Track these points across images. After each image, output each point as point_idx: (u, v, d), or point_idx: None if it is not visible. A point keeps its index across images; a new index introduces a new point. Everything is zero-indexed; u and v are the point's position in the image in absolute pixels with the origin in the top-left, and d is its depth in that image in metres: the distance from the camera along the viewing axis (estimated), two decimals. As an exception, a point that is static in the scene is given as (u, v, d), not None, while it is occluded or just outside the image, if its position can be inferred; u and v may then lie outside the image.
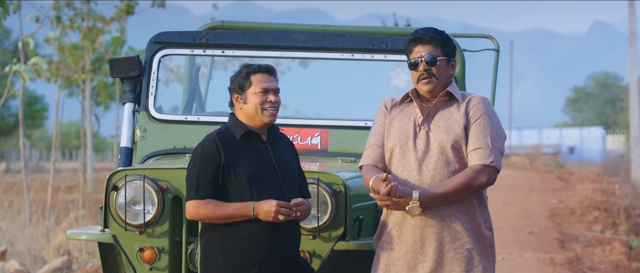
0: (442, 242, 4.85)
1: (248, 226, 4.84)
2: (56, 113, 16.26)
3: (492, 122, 4.92)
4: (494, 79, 7.31)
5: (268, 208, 4.81)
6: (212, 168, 4.84)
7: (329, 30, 6.65)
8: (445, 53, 4.93)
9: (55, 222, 14.55)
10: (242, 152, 4.90)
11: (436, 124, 4.91)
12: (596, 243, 15.32)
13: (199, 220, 4.94)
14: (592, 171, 38.16)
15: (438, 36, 4.94)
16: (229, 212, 4.83)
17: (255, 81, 4.95)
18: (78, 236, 5.81)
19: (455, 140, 4.87)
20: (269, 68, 4.99)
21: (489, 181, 4.87)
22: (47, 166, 41.53)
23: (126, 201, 5.41)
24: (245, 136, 4.94)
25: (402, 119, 4.97)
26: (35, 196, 19.24)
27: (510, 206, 21.83)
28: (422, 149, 4.89)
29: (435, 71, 4.90)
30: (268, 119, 4.95)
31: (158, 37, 6.32)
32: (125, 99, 6.30)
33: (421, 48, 4.92)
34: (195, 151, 4.92)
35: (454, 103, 4.96)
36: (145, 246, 5.48)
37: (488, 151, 4.85)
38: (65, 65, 16.90)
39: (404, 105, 5.02)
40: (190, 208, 4.87)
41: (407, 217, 4.88)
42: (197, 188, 4.84)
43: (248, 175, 4.86)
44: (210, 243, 4.89)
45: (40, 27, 14.43)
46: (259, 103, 4.91)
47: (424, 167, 4.86)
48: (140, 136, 6.23)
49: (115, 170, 5.56)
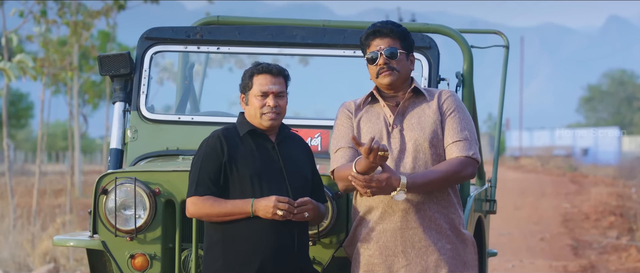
0: (425, 244, 4.91)
1: (250, 228, 4.89)
2: (41, 113, 16.28)
3: (465, 115, 5.03)
4: (503, 77, 7.32)
5: (266, 204, 4.86)
6: (214, 165, 4.92)
7: (330, 25, 6.65)
8: (404, 47, 5.02)
9: (41, 228, 14.56)
10: (246, 149, 4.97)
11: (409, 122, 4.99)
12: (611, 250, 15.34)
13: (198, 218, 5.03)
14: (607, 174, 38.18)
15: (397, 28, 5.03)
16: (227, 209, 4.89)
17: (256, 83, 5.01)
18: (65, 242, 5.81)
19: (432, 136, 4.95)
20: (275, 70, 5.03)
21: (472, 173, 4.97)
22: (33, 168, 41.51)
23: (116, 206, 5.42)
24: (250, 134, 5.01)
25: (370, 120, 5.04)
26: (20, 200, 19.27)
27: (521, 211, 21.85)
28: (397, 149, 4.96)
29: (395, 65, 4.98)
30: (267, 123, 5.00)
31: (150, 33, 6.33)
32: (115, 98, 6.31)
33: (380, 41, 5.01)
34: (199, 148, 5.02)
35: (422, 98, 5.05)
36: (137, 253, 5.48)
37: (468, 144, 4.96)
38: (51, 62, 16.91)
39: (368, 106, 5.09)
40: (189, 205, 4.96)
41: (384, 220, 4.92)
42: (198, 184, 4.93)
43: (250, 172, 4.92)
44: (212, 244, 4.96)
45: (24, 22, 14.44)
46: (258, 107, 4.99)
47: (400, 167, 4.92)
48: (131, 137, 6.24)
49: (105, 173, 5.57)
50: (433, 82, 5.99)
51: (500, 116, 7.33)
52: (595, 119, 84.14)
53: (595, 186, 29.56)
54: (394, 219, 4.92)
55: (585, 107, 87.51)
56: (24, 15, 14.59)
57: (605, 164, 50.60)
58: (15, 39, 13.58)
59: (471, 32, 7.96)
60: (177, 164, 5.81)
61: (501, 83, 7.37)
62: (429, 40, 6.05)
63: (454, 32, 6.69)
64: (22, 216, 15.45)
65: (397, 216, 4.91)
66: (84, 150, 49.76)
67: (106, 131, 23.33)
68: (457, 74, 6.48)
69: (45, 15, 15.39)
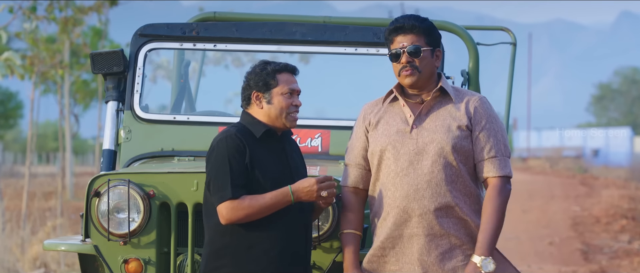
0: (442, 252, 4.88)
1: (264, 234, 4.85)
2: (31, 112, 16.27)
3: (498, 125, 4.97)
4: (510, 75, 7.33)
5: (308, 186, 4.82)
6: (241, 165, 4.83)
7: (331, 22, 6.66)
8: (429, 43, 4.95)
9: (31, 232, 14.56)
10: (262, 152, 4.92)
11: (432, 123, 4.93)
12: (623, 255, 15.34)
13: (236, 222, 4.86)
14: (619, 176, 38.19)
15: (421, 24, 4.95)
16: (267, 202, 4.82)
17: (282, 80, 4.98)
18: (56, 247, 5.82)
19: (455, 142, 4.89)
20: (294, 68, 5.04)
21: (510, 190, 4.95)
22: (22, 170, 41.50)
23: (109, 209, 5.42)
24: (265, 135, 4.96)
25: (387, 121, 5.00)
26: (9, 203, 19.28)
27: (529, 214, 21.86)
28: (416, 151, 4.90)
29: (418, 63, 4.92)
30: (291, 123, 4.99)
31: (144, 30, 6.34)
32: (108, 97, 6.32)
33: (403, 38, 4.94)
34: (216, 149, 4.88)
35: (448, 99, 4.99)
36: (130, 257, 5.49)
37: (504, 161, 4.92)
38: (40, 60, 16.91)
39: (388, 104, 5.04)
40: (226, 212, 4.82)
41: (402, 238, 4.90)
42: (232, 186, 4.81)
43: (271, 175, 4.89)
44: (217, 250, 4.87)
45: (14, 18, 14.45)
46: (286, 105, 4.95)
47: (419, 170, 4.88)
48: (124, 138, 6.25)
49: (97, 175, 5.57)
50: (438, 80, 5.99)
51: (508, 116, 7.33)
52: (606, 118, 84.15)
53: (606, 188, 29.57)
54: (409, 225, 4.89)
55: (595, 106, 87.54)
56: (14, 12, 14.59)
57: (616, 166, 50.62)
58: (5, 36, 13.59)
59: (477, 28, 7.97)
60: (173, 165, 5.82)
61: (508, 82, 7.38)
62: (433, 37, 6.04)
63: (460, 28, 6.70)
64: (11, 220, 15.45)
65: (413, 223, 4.88)
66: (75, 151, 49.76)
67: (98, 132, 23.33)
68: (462, 72, 6.49)
69: (35, 12, 15.39)
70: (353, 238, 5.01)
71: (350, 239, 5.01)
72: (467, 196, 4.92)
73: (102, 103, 23.79)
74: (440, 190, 4.86)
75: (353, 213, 5.04)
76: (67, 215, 17.99)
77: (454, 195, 4.88)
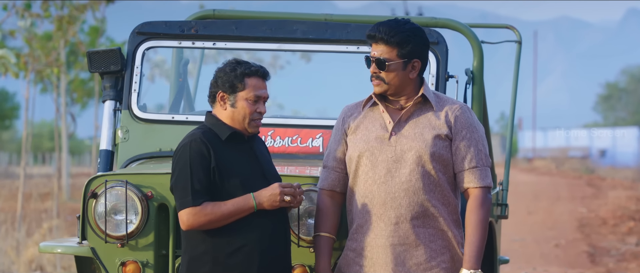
0: (417, 263, 4.85)
1: (244, 238, 4.85)
2: (26, 111, 16.28)
3: (480, 134, 4.94)
4: (515, 74, 7.32)
5: (271, 193, 4.83)
6: (204, 170, 4.83)
7: (333, 19, 6.66)
8: (402, 55, 4.85)
9: (26, 234, 14.57)
10: (230, 155, 4.91)
11: (411, 130, 4.90)
12: (631, 257, 15.34)
13: (197, 229, 4.87)
14: (626, 176, 38.20)
15: (393, 35, 4.84)
16: (229, 210, 4.82)
17: (250, 84, 4.95)
18: (52, 249, 5.82)
19: (435, 149, 4.86)
20: (265, 72, 5.01)
21: (490, 199, 4.94)
22: (17, 171, 41.52)
23: (106, 210, 5.42)
24: (231, 137, 4.95)
25: (367, 127, 4.97)
26: (4, 204, 19.26)
27: (534, 216, 21.87)
28: (394, 159, 4.87)
29: (384, 76, 4.87)
30: (253, 130, 4.97)
31: (142, 28, 6.34)
32: (105, 96, 6.32)
33: (375, 47, 4.90)
34: (180, 154, 4.89)
35: (429, 106, 4.94)
36: (128, 260, 5.49)
37: (485, 171, 4.91)
38: (35, 58, 16.92)
39: (368, 109, 5.01)
40: (186, 218, 4.85)
41: (375, 247, 4.87)
42: (192, 193, 4.82)
43: (240, 178, 4.88)
44: (197, 256, 4.88)
45: (8, 15, 14.46)
46: (249, 112, 4.93)
47: (397, 178, 4.85)
48: (122, 138, 6.25)
49: (94, 176, 5.57)
50: (441, 79, 6.00)
51: (513, 116, 7.33)
52: (613, 118, 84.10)
53: (613, 189, 29.57)
54: (384, 234, 4.86)
55: (602, 105, 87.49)
56: (8, 9, 14.61)
57: (623, 167, 50.61)
58: (-1, 34, 13.61)
59: (482, 26, 7.96)
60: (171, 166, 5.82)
61: (513, 80, 7.37)
62: (437, 35, 6.05)
63: (464, 26, 6.70)
64: (6, 222, 15.46)
65: (388, 231, 4.85)
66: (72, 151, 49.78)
67: (96, 132, 23.34)
68: (466, 71, 6.49)
69: (30, 9, 15.40)
70: (326, 241, 5.00)
71: (323, 243, 5.00)
72: (445, 205, 4.91)
73: (99, 103, 23.81)
74: (417, 198, 4.84)
75: (328, 216, 5.02)
76: (63, 216, 18.01)
77: (433, 204, 4.86)
